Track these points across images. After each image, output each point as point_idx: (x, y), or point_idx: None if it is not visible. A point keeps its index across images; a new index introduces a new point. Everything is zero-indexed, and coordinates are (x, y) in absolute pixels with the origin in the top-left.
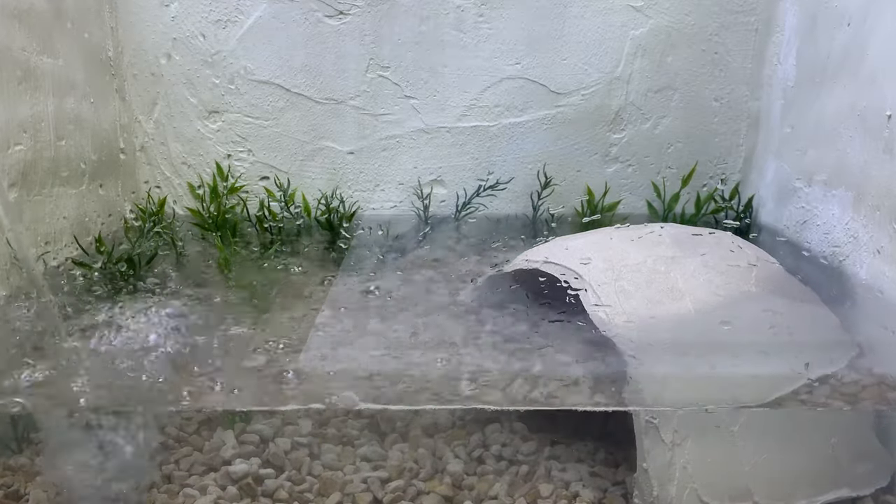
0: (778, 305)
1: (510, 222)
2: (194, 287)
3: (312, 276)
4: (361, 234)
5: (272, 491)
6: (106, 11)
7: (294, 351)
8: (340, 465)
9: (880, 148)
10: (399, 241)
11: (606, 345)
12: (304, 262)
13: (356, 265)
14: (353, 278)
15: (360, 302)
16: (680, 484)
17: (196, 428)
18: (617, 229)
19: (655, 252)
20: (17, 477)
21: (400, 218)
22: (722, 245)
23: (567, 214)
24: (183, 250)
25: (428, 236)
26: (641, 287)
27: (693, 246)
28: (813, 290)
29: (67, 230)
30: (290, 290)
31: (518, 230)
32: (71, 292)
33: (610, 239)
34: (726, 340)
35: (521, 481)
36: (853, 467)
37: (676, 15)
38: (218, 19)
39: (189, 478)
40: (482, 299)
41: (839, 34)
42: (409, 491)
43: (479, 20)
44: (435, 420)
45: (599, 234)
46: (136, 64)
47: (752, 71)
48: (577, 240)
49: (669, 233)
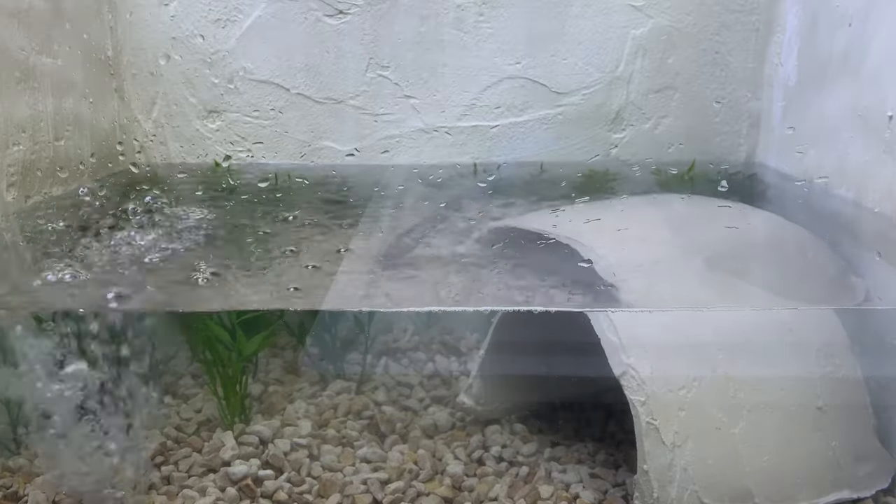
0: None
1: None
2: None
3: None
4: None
5: (272, 492)
6: (105, 11)
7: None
8: (340, 467)
9: (881, 148)
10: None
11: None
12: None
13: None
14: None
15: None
16: (680, 485)
17: (195, 429)
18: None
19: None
20: (15, 478)
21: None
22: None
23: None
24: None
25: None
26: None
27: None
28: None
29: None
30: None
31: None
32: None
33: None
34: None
35: (521, 483)
36: (854, 469)
37: (677, 14)
38: (217, 19)
39: (188, 479)
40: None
41: (840, 34)
42: (409, 492)
43: (480, 19)
44: (435, 421)
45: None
46: (136, 63)
47: (753, 71)
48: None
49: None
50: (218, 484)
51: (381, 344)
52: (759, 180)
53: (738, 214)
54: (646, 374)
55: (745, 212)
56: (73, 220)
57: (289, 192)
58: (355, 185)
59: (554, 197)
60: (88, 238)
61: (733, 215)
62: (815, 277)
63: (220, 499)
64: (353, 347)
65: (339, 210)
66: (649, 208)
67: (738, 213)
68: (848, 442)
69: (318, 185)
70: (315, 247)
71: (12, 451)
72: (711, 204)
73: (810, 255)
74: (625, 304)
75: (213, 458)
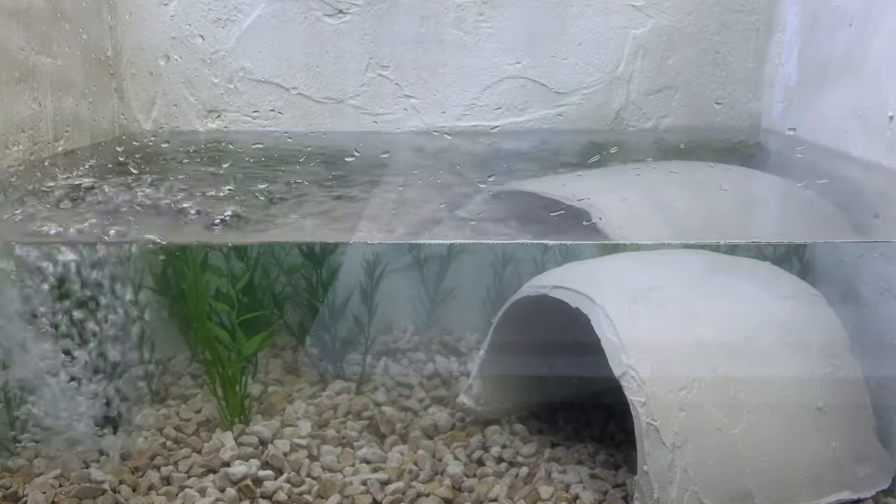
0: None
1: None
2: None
3: None
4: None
5: (271, 493)
6: (104, 11)
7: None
8: (340, 467)
9: (882, 148)
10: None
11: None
12: None
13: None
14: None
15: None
16: (681, 486)
17: (195, 429)
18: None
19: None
20: (15, 478)
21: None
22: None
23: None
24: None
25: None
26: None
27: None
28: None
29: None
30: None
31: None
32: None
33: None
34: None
35: (521, 483)
36: (854, 469)
37: (678, 14)
38: (217, 18)
39: (188, 479)
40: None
41: (841, 34)
42: (409, 493)
43: (480, 19)
44: (435, 421)
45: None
46: (135, 63)
47: (753, 71)
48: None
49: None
50: (217, 484)
51: (380, 344)
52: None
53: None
54: (646, 375)
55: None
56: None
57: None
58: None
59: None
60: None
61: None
62: (799, 216)
63: (220, 499)
64: (353, 348)
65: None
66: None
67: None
68: (848, 442)
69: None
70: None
71: (12, 452)
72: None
73: (799, 201)
74: (603, 236)
75: (213, 459)
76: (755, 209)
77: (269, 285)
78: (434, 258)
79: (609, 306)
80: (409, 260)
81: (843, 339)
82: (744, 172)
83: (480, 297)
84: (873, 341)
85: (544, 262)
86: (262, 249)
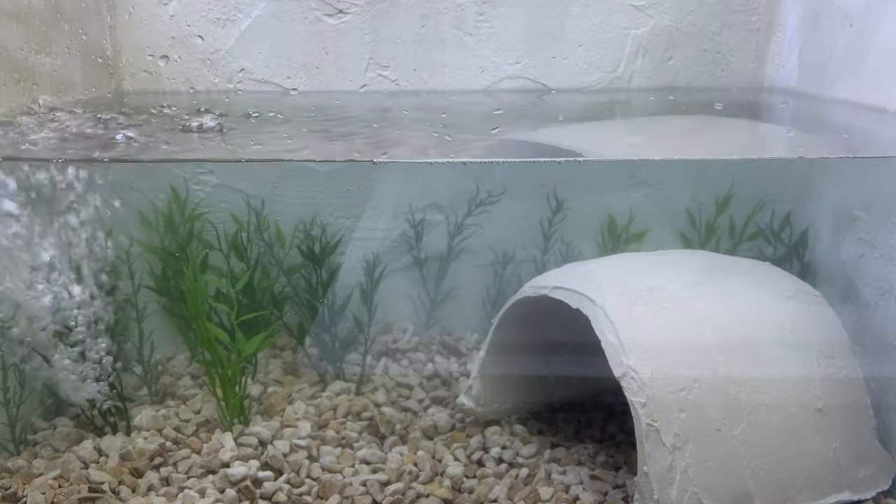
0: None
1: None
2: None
3: None
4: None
5: (271, 494)
6: (104, 11)
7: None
8: (339, 468)
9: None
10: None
11: None
12: None
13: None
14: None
15: None
16: (681, 487)
17: (194, 430)
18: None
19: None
20: (14, 479)
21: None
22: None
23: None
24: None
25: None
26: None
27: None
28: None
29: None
30: None
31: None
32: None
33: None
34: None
35: (520, 484)
36: (854, 470)
37: (678, 14)
38: (217, 18)
39: (187, 480)
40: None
41: (841, 34)
42: (409, 494)
43: (480, 19)
44: (434, 422)
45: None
46: (135, 63)
47: (753, 71)
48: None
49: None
50: (217, 485)
51: (380, 344)
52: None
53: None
54: (646, 376)
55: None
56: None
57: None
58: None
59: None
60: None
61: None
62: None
63: (220, 500)
64: (353, 348)
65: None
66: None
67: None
68: (848, 443)
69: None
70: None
71: (11, 452)
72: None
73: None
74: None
75: (213, 460)
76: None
77: (268, 285)
78: (434, 258)
79: (609, 307)
80: (409, 260)
81: (844, 339)
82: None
83: (480, 297)
84: (873, 342)
85: (544, 262)
86: (262, 249)
